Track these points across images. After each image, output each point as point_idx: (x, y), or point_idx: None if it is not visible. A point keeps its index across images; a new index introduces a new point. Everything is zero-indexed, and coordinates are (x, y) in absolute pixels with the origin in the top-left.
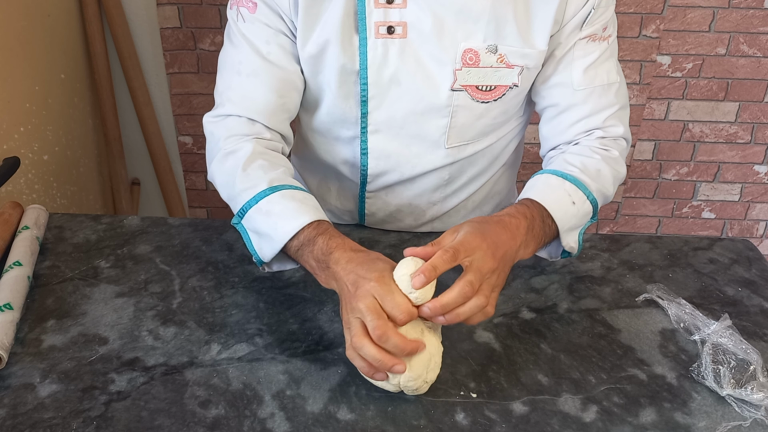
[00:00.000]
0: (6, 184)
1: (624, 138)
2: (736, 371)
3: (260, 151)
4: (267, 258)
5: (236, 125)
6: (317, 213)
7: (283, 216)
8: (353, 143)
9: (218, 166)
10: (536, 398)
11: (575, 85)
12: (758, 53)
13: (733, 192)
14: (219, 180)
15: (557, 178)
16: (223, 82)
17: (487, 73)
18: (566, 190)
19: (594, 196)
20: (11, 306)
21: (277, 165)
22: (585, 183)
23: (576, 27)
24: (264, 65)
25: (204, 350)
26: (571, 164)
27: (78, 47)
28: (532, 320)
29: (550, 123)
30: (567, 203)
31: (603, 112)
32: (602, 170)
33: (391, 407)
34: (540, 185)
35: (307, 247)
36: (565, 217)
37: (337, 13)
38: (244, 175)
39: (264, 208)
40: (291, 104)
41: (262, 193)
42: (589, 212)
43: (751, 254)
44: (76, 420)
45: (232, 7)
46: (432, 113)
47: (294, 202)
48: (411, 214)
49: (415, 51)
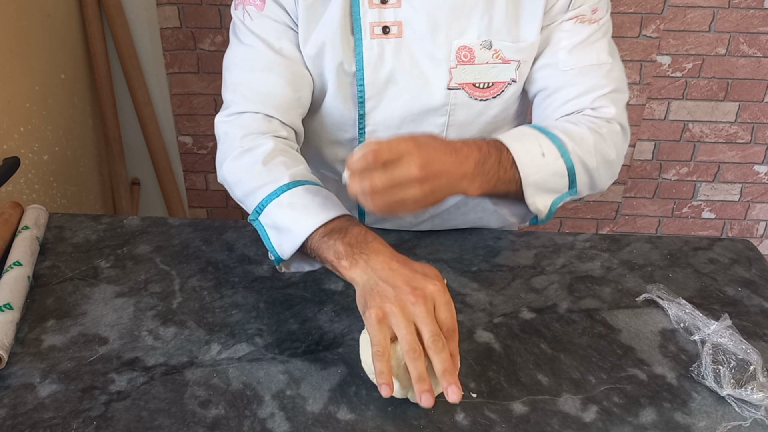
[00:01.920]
0: (6, 184)
1: (617, 121)
2: (736, 371)
3: (281, 148)
4: (287, 255)
5: (252, 122)
6: (343, 209)
7: (308, 210)
8: (352, 145)
9: (233, 163)
10: (536, 398)
11: (561, 65)
12: (758, 53)
13: (733, 192)
14: (233, 178)
15: (532, 129)
16: (233, 81)
17: (483, 70)
18: (538, 141)
19: (570, 156)
20: (11, 306)
21: (297, 162)
22: (561, 140)
23: (562, 9)
24: (278, 59)
25: (204, 350)
26: (553, 126)
27: (78, 47)
28: (532, 320)
29: (539, 107)
30: (536, 153)
31: (592, 92)
32: (586, 137)
33: (391, 407)
34: (513, 131)
35: (337, 234)
36: (531, 167)
37: (334, 15)
38: (265, 170)
39: (286, 201)
40: (305, 99)
41: (285, 186)
42: (562, 173)
43: (751, 254)
44: (76, 420)
45: (237, 7)
46: (430, 112)
47: (319, 197)
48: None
49: (411, 50)
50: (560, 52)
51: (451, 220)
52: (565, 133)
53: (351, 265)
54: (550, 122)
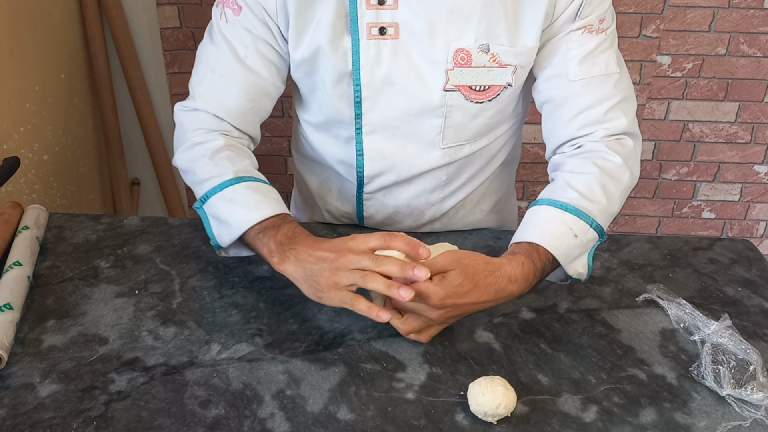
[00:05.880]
0: (6, 184)
1: (627, 134)
2: (736, 371)
3: (229, 144)
4: (225, 243)
5: (205, 119)
6: (279, 207)
7: (245, 206)
8: (349, 144)
9: (184, 153)
10: (536, 398)
11: (570, 75)
12: (758, 53)
13: (733, 192)
14: (183, 167)
15: (556, 210)
16: (197, 76)
17: (480, 73)
18: (567, 224)
19: (597, 222)
20: (11, 306)
21: (243, 157)
22: (587, 210)
23: (569, 18)
24: (238, 68)
25: (204, 350)
26: (572, 188)
27: (78, 47)
28: (532, 320)
29: (549, 119)
30: (569, 237)
31: (603, 103)
32: (606, 185)
33: (391, 407)
34: (538, 221)
35: (271, 231)
36: (567, 251)
37: (329, 16)
38: (212, 164)
39: (228, 196)
40: (261, 109)
41: (228, 182)
42: (594, 238)
43: (751, 254)
44: (76, 420)
45: (218, 6)
46: (426, 113)
47: (258, 194)
48: (410, 215)
49: (408, 51)
50: (569, 62)
51: (451, 225)
52: (586, 196)
53: (281, 261)
54: (569, 179)
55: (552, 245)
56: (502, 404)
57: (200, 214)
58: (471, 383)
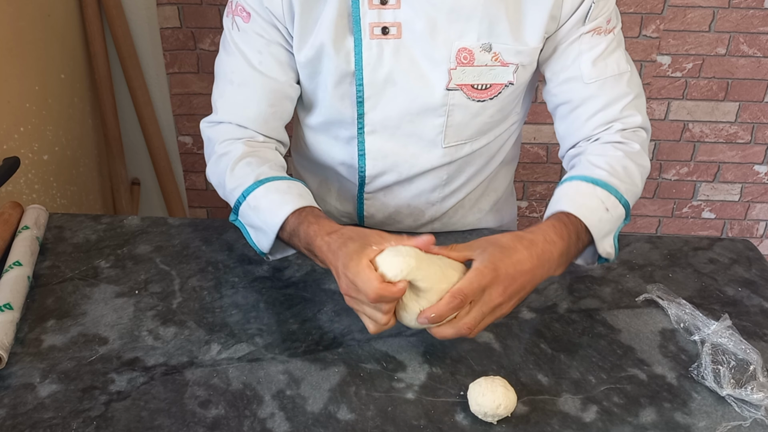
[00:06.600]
0: (6, 184)
1: (642, 128)
2: (736, 371)
3: (250, 151)
4: (266, 249)
5: (229, 130)
6: (298, 200)
7: (268, 210)
8: (351, 144)
9: (213, 168)
10: (536, 398)
11: (585, 78)
12: (758, 53)
13: (733, 192)
14: (214, 181)
15: (587, 184)
16: (218, 90)
17: (482, 72)
18: (599, 197)
19: (626, 198)
20: (11, 306)
21: (264, 160)
22: (616, 186)
23: (578, 22)
24: (254, 76)
25: (204, 350)
26: (598, 166)
27: (78, 47)
28: (532, 320)
29: (565, 120)
30: (601, 210)
31: (619, 102)
32: (629, 167)
33: (391, 407)
34: (572, 193)
35: (295, 238)
36: (600, 225)
37: (331, 16)
38: (232, 175)
39: (252, 203)
40: (284, 113)
41: (249, 189)
42: (622, 215)
43: (751, 254)
44: (76, 420)
45: (228, 16)
46: (428, 113)
47: (277, 194)
48: (410, 215)
49: (410, 51)
50: (583, 65)
51: (451, 224)
52: (613, 173)
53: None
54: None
55: (585, 216)
56: (502, 404)
57: (239, 226)
58: (471, 383)
